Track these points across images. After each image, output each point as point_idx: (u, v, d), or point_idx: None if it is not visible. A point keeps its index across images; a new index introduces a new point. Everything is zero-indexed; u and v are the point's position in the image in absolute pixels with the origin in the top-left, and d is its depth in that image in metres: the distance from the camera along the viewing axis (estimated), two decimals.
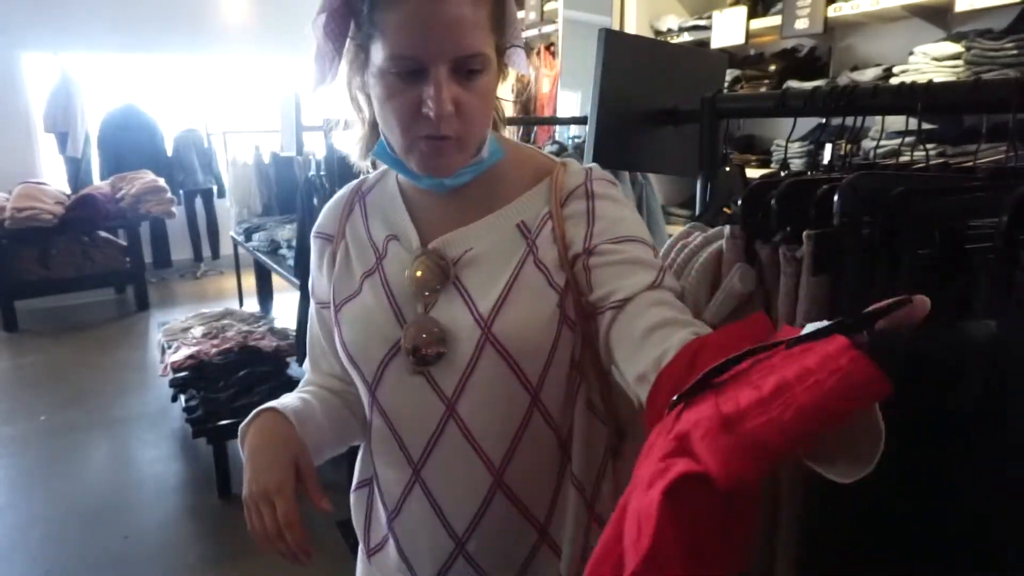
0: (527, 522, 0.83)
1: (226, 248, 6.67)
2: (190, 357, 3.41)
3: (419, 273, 0.80)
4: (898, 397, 0.46)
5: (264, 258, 3.91)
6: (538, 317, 0.78)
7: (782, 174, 1.14)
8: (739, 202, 0.85)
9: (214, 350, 3.50)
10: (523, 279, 0.78)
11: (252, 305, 5.05)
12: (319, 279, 0.92)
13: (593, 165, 0.85)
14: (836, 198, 0.72)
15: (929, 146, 1.57)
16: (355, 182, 0.95)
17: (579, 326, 0.79)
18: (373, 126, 0.83)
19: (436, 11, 0.69)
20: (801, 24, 2.48)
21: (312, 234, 0.94)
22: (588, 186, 0.81)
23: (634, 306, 0.73)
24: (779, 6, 2.59)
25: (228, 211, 5.51)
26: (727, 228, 0.81)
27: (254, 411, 0.83)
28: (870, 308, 0.48)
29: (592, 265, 0.77)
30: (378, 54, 0.72)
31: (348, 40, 0.77)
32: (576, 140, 2.64)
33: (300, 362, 3.27)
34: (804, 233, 0.73)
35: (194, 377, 3.25)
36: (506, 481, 0.80)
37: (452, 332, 0.78)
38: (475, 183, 0.82)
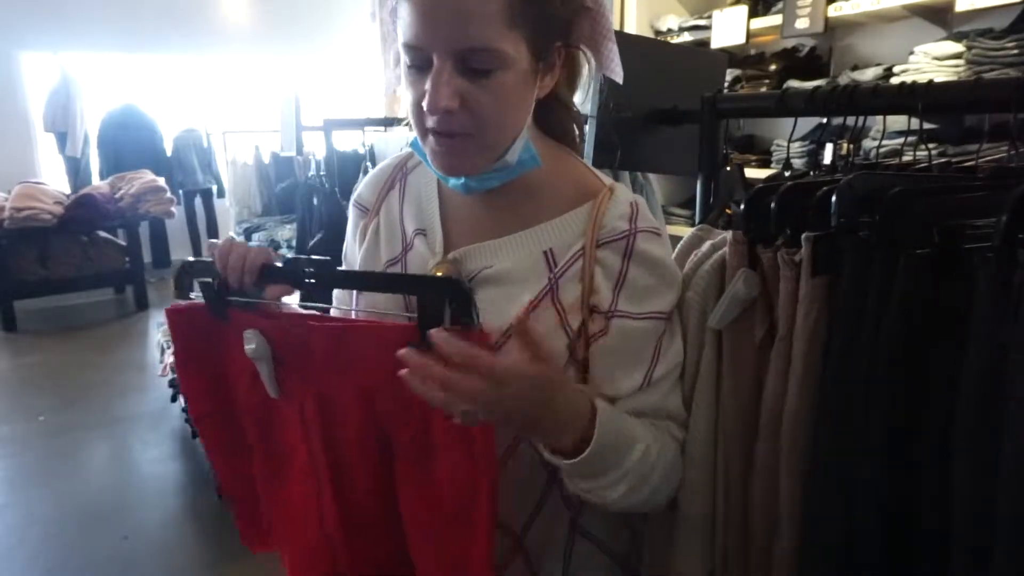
0: (501, 532, 0.80)
1: None
2: None
3: None
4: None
5: None
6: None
7: (786, 174, 1.13)
8: (740, 203, 0.85)
9: None
10: (535, 319, 0.76)
11: None
12: (352, 248, 0.93)
13: (639, 201, 0.80)
14: (834, 199, 0.72)
15: (930, 146, 1.56)
16: (403, 154, 0.93)
17: (582, 363, 0.78)
18: None
19: (441, 1, 0.68)
20: (801, 24, 2.48)
21: (352, 203, 0.94)
22: (630, 241, 0.77)
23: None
24: (779, 6, 2.59)
25: (228, 211, 5.51)
26: (730, 234, 0.81)
27: None
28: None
29: (603, 337, 0.76)
30: (399, 39, 0.72)
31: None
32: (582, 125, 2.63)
33: None
34: (803, 236, 0.73)
35: None
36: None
37: None
38: (509, 191, 0.79)
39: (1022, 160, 0.86)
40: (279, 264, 0.79)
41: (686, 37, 2.98)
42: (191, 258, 0.82)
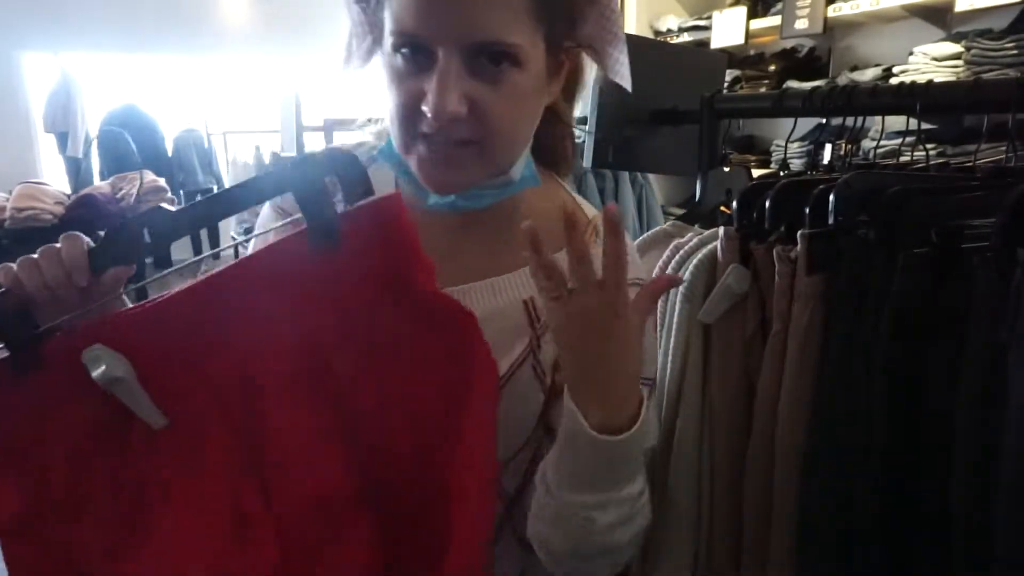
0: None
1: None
2: None
3: None
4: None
5: None
6: (519, 421, 0.68)
7: (781, 174, 1.14)
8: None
9: None
10: (514, 385, 0.66)
11: None
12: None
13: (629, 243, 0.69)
14: (832, 197, 0.72)
15: (929, 146, 1.56)
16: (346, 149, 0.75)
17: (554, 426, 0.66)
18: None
19: None
20: (801, 24, 2.48)
21: (272, 206, 0.72)
22: None
23: None
24: (779, 6, 2.59)
25: None
26: (722, 229, 0.81)
27: None
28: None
29: None
30: (387, 26, 0.60)
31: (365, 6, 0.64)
32: (576, 140, 2.64)
33: None
34: (799, 233, 0.73)
35: None
36: None
37: None
38: (490, 220, 0.67)
39: (1021, 160, 0.86)
40: (96, 243, 0.56)
41: (686, 37, 2.98)
42: None
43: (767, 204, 0.77)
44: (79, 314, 0.56)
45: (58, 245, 0.56)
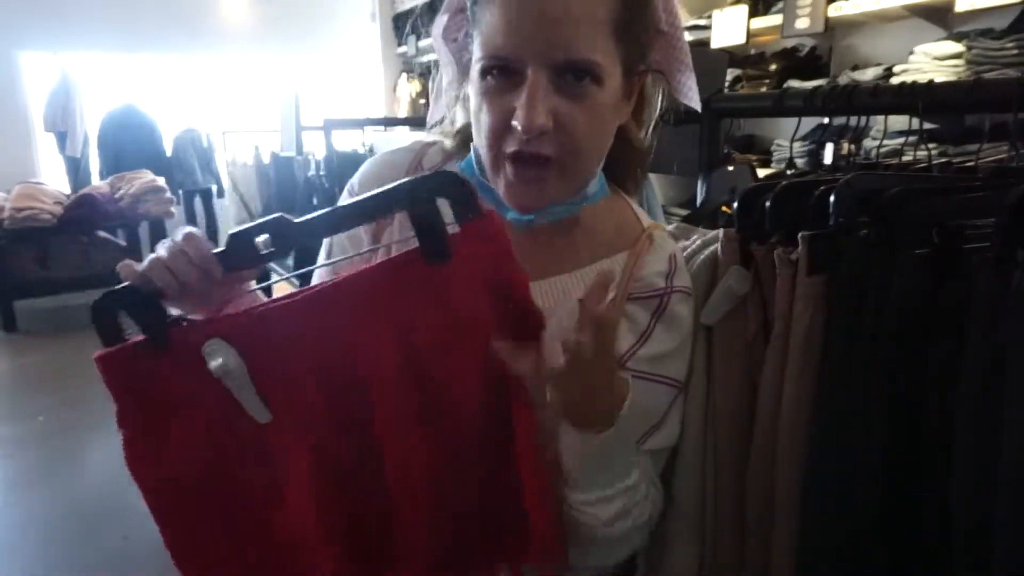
0: None
1: None
2: None
3: None
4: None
5: None
6: None
7: (788, 173, 1.14)
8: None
9: None
10: None
11: None
12: (342, 240, 0.80)
13: (678, 255, 0.76)
14: (832, 198, 0.72)
15: (931, 146, 1.56)
16: (415, 147, 0.81)
17: None
18: (463, 142, 0.73)
19: (539, 4, 0.59)
20: (802, 23, 2.48)
21: (351, 189, 0.80)
22: (663, 301, 0.73)
23: None
24: (780, 5, 2.59)
25: (227, 211, 5.51)
26: (722, 231, 0.81)
27: None
28: None
29: None
30: (476, 53, 0.64)
31: (452, 43, 0.68)
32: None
33: None
34: (800, 234, 0.73)
35: None
36: None
37: None
38: (553, 229, 0.73)
39: (1022, 160, 0.86)
40: (223, 247, 0.62)
41: (686, 37, 2.98)
42: (106, 290, 0.61)
43: (767, 205, 0.77)
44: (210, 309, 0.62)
45: (180, 243, 0.60)
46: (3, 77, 6.35)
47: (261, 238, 0.60)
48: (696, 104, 0.74)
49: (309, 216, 0.61)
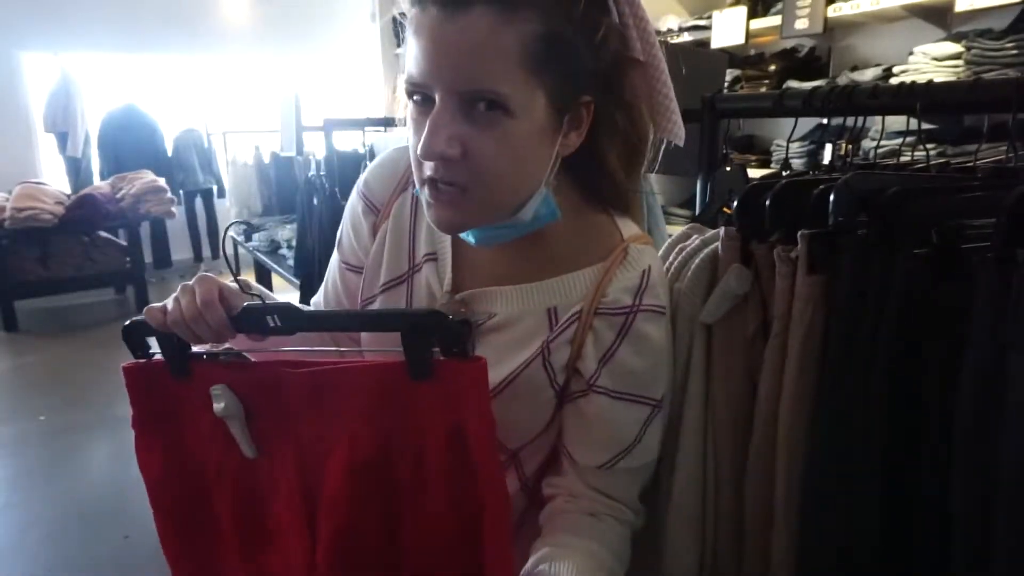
0: None
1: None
2: None
3: None
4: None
5: (264, 258, 3.91)
6: (531, 414, 0.76)
7: (784, 174, 1.14)
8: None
9: None
10: (525, 378, 0.74)
11: None
12: (353, 237, 0.85)
13: (654, 269, 0.75)
14: (832, 198, 0.72)
15: (929, 146, 1.57)
16: None
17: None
18: None
19: (446, 34, 0.60)
20: (801, 24, 2.48)
21: (358, 191, 0.85)
22: (628, 319, 0.72)
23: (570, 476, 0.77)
24: (779, 6, 2.59)
25: (228, 211, 5.51)
26: (723, 230, 0.81)
27: None
28: None
29: (581, 399, 0.75)
30: (404, 81, 0.66)
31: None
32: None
33: None
34: (799, 233, 0.73)
35: None
36: None
37: None
38: (525, 238, 0.74)
39: (1021, 160, 0.86)
40: (238, 312, 0.71)
41: (686, 37, 2.98)
42: (135, 318, 0.73)
43: (767, 204, 0.77)
44: (217, 352, 0.73)
45: (199, 307, 0.67)
46: (4, 77, 6.36)
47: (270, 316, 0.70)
48: (678, 139, 0.75)
49: (315, 311, 0.83)
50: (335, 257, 0.89)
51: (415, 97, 0.65)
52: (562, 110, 0.67)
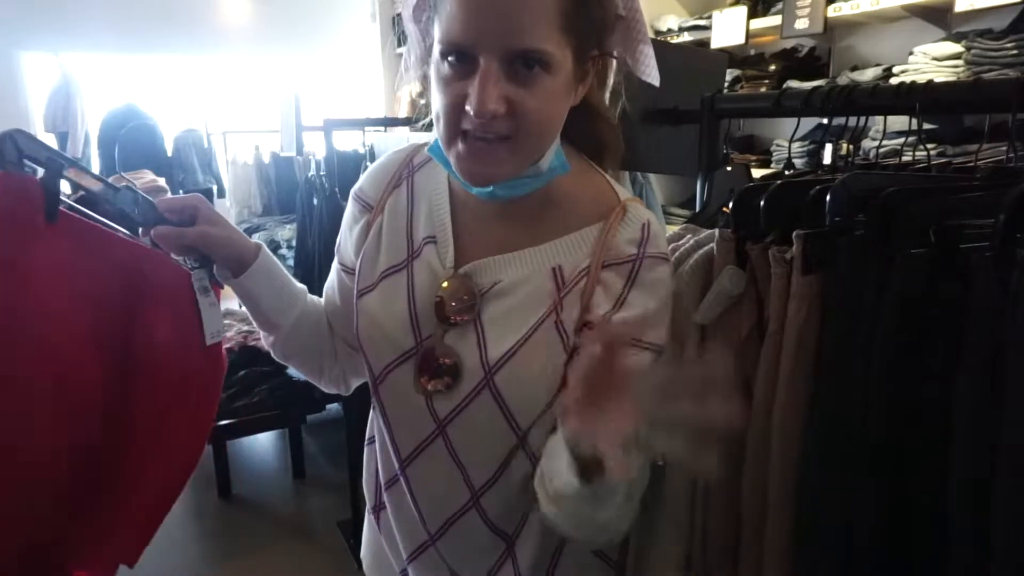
0: (497, 537, 0.82)
1: None
2: None
3: (446, 296, 0.77)
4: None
5: None
6: (544, 377, 0.75)
7: (787, 173, 1.14)
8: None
9: None
10: (538, 338, 0.75)
11: None
12: (348, 240, 0.89)
13: (652, 221, 0.77)
14: (829, 197, 0.73)
15: (930, 146, 1.56)
16: (408, 148, 0.88)
17: None
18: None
19: None
20: (801, 24, 2.48)
21: (353, 196, 0.89)
22: (635, 267, 0.75)
23: None
24: (779, 6, 2.59)
25: (228, 211, 5.51)
26: (717, 231, 0.81)
27: None
28: None
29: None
30: (435, 37, 0.68)
31: (419, 24, 0.73)
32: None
33: None
34: (794, 233, 0.73)
35: None
36: (482, 504, 0.80)
37: (458, 365, 0.77)
38: (527, 203, 0.77)
39: (1021, 160, 0.86)
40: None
41: (686, 37, 2.98)
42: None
43: (762, 205, 0.78)
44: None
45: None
46: (4, 77, 6.36)
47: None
48: (655, 80, 0.78)
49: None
50: (335, 260, 0.92)
51: (450, 58, 0.67)
52: (581, 64, 0.72)
